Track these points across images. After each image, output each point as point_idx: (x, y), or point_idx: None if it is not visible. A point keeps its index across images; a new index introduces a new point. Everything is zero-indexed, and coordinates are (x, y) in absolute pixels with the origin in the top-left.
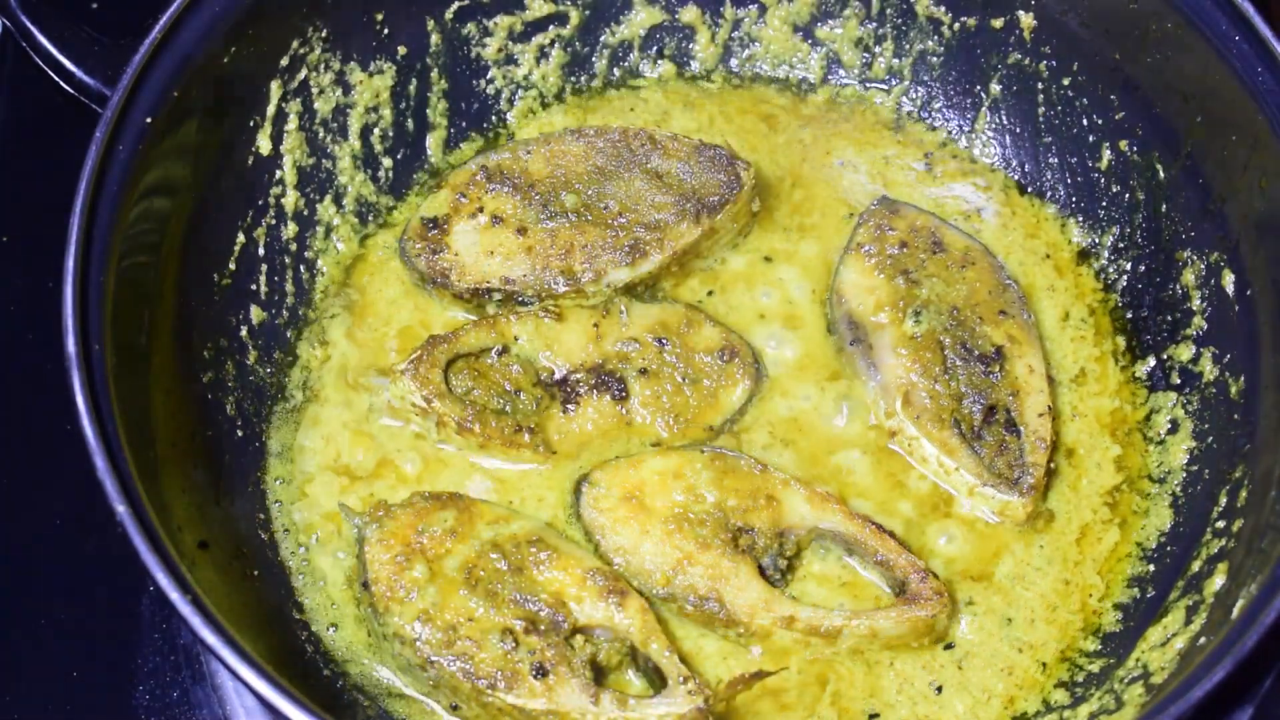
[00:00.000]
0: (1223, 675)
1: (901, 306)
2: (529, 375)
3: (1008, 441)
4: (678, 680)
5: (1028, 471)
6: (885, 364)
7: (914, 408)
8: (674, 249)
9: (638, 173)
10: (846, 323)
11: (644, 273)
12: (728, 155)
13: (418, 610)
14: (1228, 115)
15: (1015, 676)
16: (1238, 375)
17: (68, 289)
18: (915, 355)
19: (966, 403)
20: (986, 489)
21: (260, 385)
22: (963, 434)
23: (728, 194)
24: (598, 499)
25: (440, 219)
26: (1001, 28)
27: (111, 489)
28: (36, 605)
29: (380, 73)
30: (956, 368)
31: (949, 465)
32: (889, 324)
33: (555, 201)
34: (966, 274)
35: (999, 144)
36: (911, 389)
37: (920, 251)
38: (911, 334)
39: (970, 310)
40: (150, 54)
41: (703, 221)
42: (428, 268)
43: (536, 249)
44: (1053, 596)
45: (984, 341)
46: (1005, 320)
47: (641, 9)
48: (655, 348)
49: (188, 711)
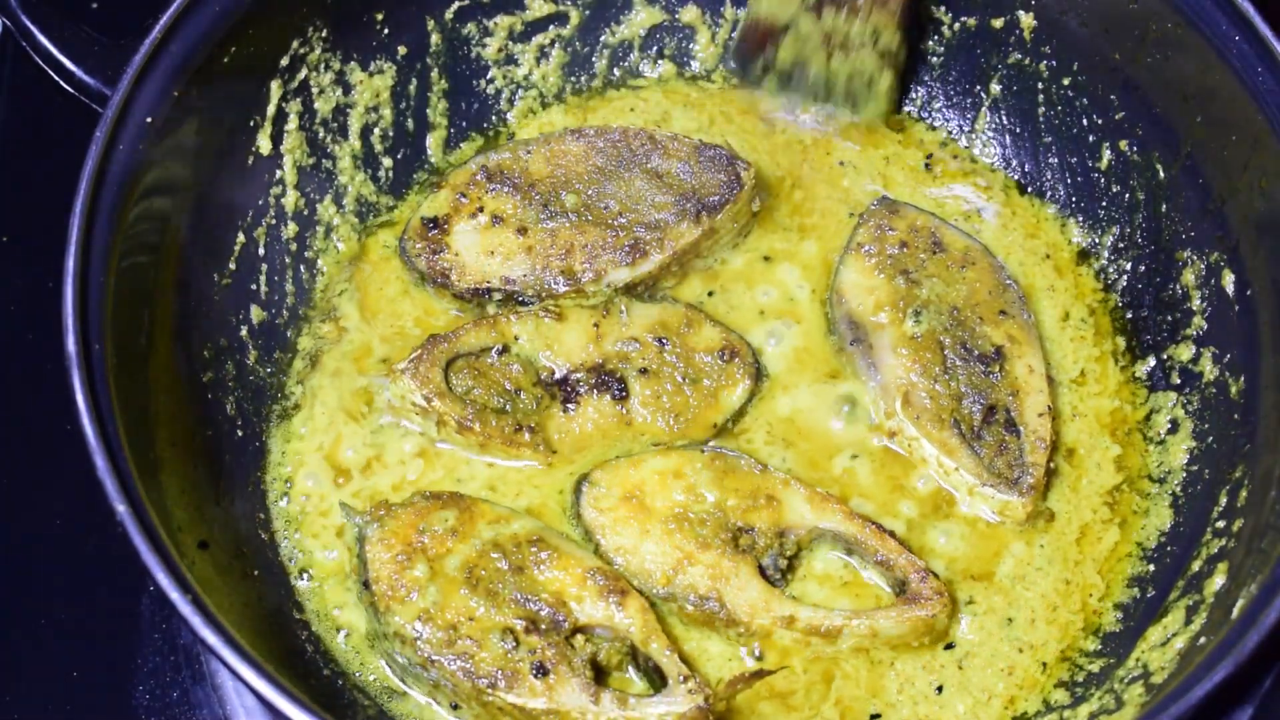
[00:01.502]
0: (1223, 675)
1: (901, 306)
2: (529, 375)
3: (1007, 441)
4: (678, 679)
5: (1027, 471)
6: (885, 364)
7: (914, 408)
8: (674, 249)
9: (638, 172)
10: (846, 323)
11: (644, 273)
12: (728, 155)
13: (418, 610)
14: (1228, 115)
15: (1016, 676)
16: (1238, 375)
17: (68, 289)
18: (915, 355)
19: (966, 403)
20: (986, 489)
21: (260, 385)
22: (962, 434)
23: (728, 194)
24: (598, 499)
25: (440, 219)
26: (1001, 28)
27: (111, 489)
28: (36, 605)
29: (380, 73)
30: (956, 368)
31: (949, 465)
32: (889, 324)
33: (555, 201)
34: (967, 274)
35: (999, 144)
36: (911, 389)
37: (920, 251)
38: (911, 334)
39: (970, 310)
40: (150, 54)
41: (703, 221)
42: (428, 267)
43: (537, 249)
44: (1053, 596)
45: (984, 341)
46: (1005, 320)
47: (641, 9)
48: (655, 347)
49: (188, 711)
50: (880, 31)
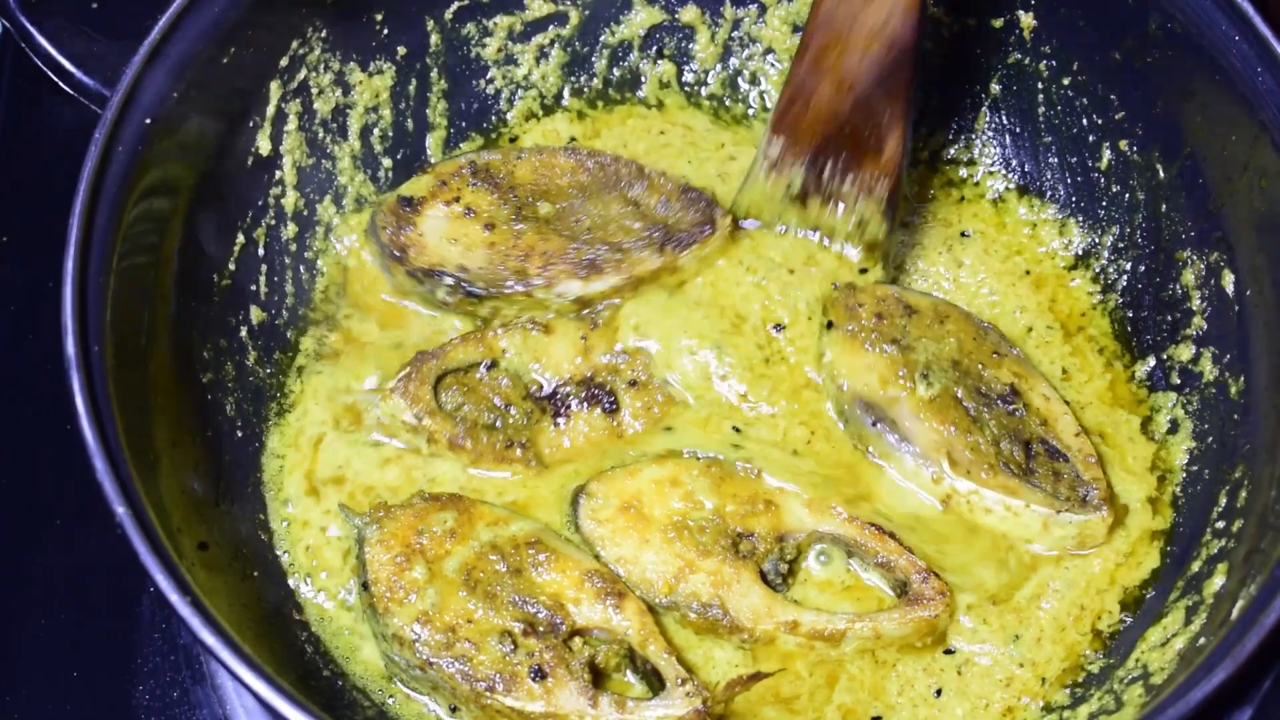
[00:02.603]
0: (1223, 676)
1: (905, 374)
2: (518, 389)
3: (1059, 468)
4: (676, 682)
5: (1091, 487)
6: (915, 433)
7: (961, 465)
8: (630, 273)
9: (616, 197)
10: (860, 406)
11: (596, 290)
12: (708, 200)
13: (417, 611)
14: (1228, 115)
15: (1014, 689)
16: (1238, 375)
17: (68, 289)
18: (940, 415)
19: (1005, 444)
20: (1064, 515)
21: (260, 385)
22: (1014, 473)
23: (698, 235)
24: (596, 510)
25: (416, 199)
26: (1001, 28)
27: (111, 490)
28: (36, 605)
29: (380, 73)
30: (982, 414)
31: (1016, 506)
32: (903, 395)
33: (530, 207)
34: (948, 327)
35: (999, 144)
36: (952, 447)
37: (897, 318)
38: (928, 397)
39: (968, 359)
40: (150, 54)
41: (665, 253)
42: (389, 240)
43: (498, 246)
44: (1064, 618)
45: (995, 383)
46: (1002, 360)
47: (641, 9)
48: (644, 358)
49: (188, 711)
50: (867, 221)
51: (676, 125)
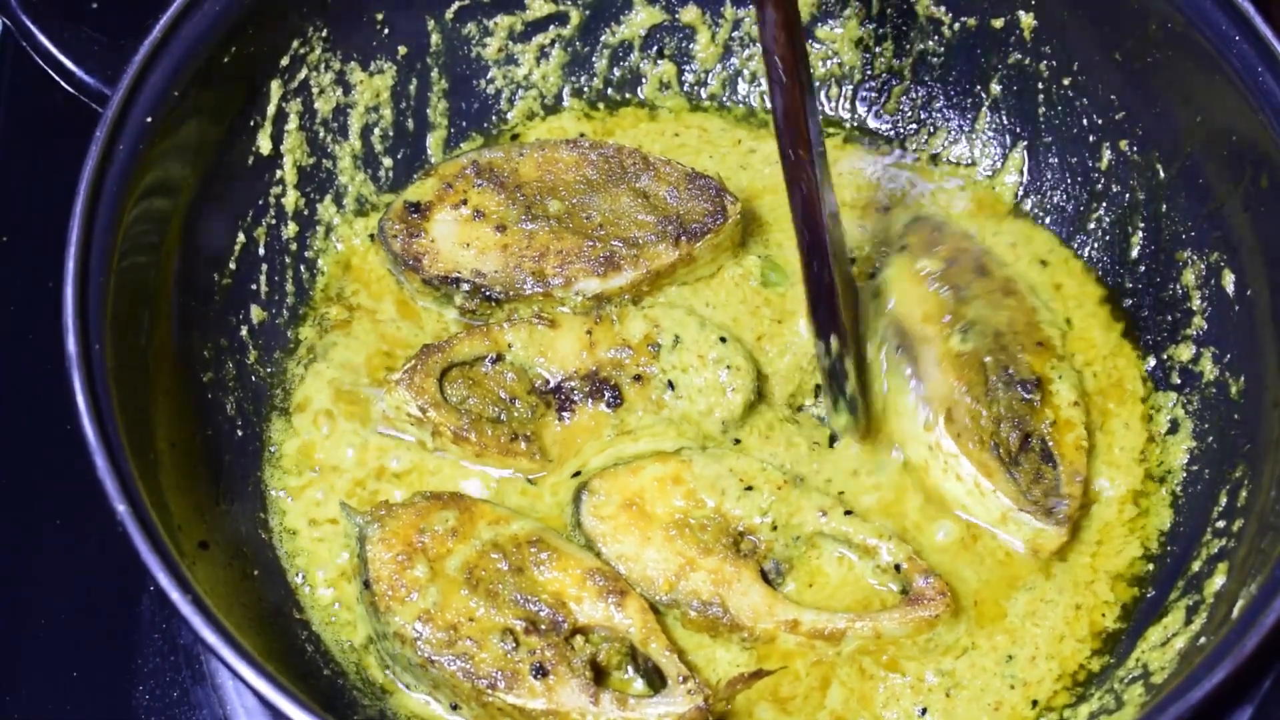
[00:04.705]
0: (1223, 675)
1: (949, 322)
2: (523, 383)
3: (1043, 471)
4: (677, 680)
5: (1063, 501)
6: (930, 377)
7: (956, 425)
8: (648, 268)
9: (625, 189)
10: (894, 327)
11: (614, 286)
12: (717, 186)
13: (418, 610)
14: (1228, 115)
15: (1002, 713)
16: (1238, 375)
17: (68, 289)
18: (960, 373)
19: (1005, 427)
20: (1022, 515)
21: (260, 385)
22: (1000, 458)
23: (711, 224)
24: (598, 507)
25: (423, 205)
26: (1001, 28)
27: (111, 489)
28: (36, 605)
29: (380, 72)
30: (998, 390)
31: (986, 487)
32: (936, 338)
33: (539, 205)
34: (1008, 302)
35: (999, 144)
36: (955, 406)
37: (967, 271)
38: (958, 351)
39: (1013, 336)
40: (150, 54)
41: (681, 246)
42: (402, 249)
43: (512, 247)
44: (1062, 627)
45: (1025, 369)
46: (1044, 352)
47: (642, 9)
48: (649, 354)
49: (188, 711)
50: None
51: (691, 128)
